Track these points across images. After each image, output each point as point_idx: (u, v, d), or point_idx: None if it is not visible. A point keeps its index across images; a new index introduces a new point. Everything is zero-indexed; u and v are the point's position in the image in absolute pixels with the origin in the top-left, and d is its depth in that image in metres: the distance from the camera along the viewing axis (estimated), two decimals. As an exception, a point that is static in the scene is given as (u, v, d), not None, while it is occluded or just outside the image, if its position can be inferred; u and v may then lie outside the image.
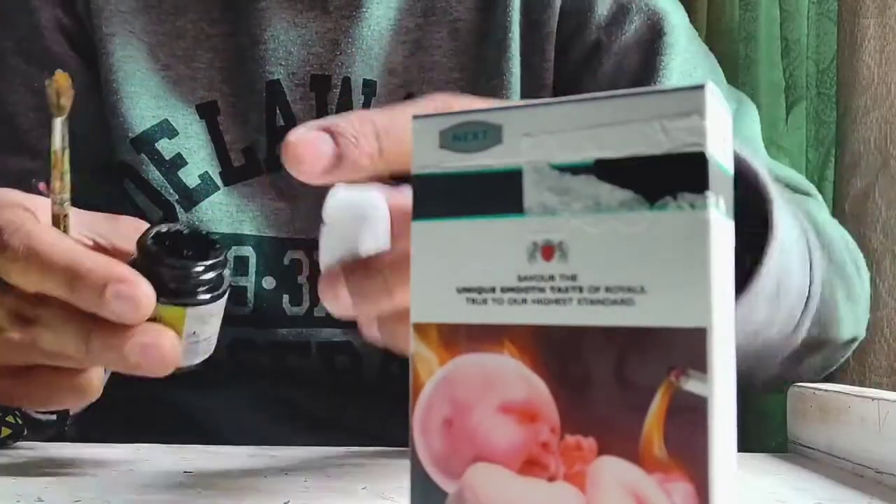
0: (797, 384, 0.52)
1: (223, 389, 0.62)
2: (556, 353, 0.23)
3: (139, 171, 0.63)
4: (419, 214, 0.25)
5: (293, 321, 0.62)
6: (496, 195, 0.24)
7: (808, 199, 0.64)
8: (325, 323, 0.62)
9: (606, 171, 0.23)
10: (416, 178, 0.26)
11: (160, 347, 0.36)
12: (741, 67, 1.01)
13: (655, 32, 0.62)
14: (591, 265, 0.23)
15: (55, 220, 0.39)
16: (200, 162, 0.63)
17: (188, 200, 0.63)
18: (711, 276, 0.22)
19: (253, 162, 0.63)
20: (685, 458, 0.21)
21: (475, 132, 0.25)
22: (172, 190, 0.62)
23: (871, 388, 0.62)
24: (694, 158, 0.22)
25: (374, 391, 0.62)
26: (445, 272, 0.25)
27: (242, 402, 0.64)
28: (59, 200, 0.39)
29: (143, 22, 0.63)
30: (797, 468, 0.45)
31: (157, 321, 0.36)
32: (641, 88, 0.23)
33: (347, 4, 0.63)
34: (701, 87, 0.22)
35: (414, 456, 0.25)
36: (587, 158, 0.23)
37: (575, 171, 0.23)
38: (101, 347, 0.36)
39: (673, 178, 0.22)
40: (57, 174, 0.39)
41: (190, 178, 0.62)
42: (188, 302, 0.38)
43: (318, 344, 0.61)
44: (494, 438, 0.24)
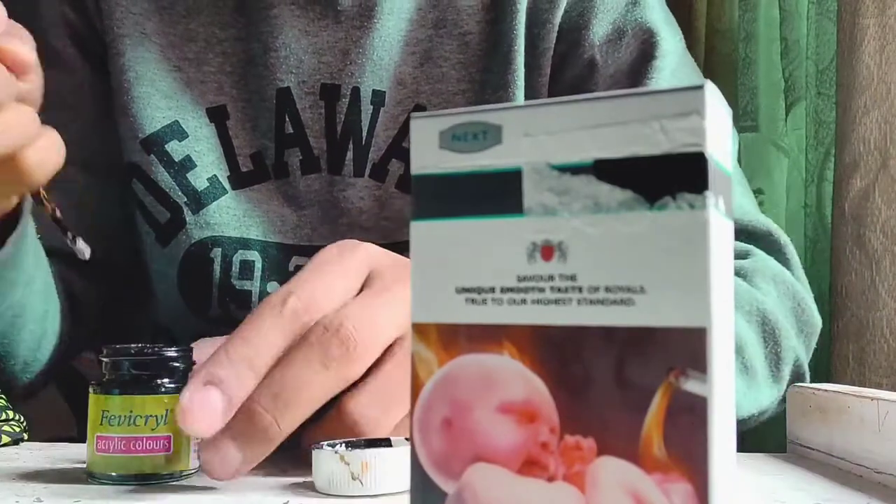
0: (797, 384, 0.52)
1: None
2: (555, 353, 0.23)
3: (148, 172, 0.63)
4: (419, 214, 0.25)
5: None
6: (496, 195, 0.24)
7: (755, 260, 0.63)
8: None
9: (606, 171, 0.23)
10: (415, 178, 0.26)
11: None
12: (741, 67, 1.01)
13: (646, 56, 0.64)
14: (590, 265, 0.23)
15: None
16: (209, 165, 0.63)
17: (196, 203, 0.63)
18: (711, 276, 0.22)
19: (261, 167, 0.64)
20: (684, 458, 0.21)
21: (475, 132, 0.25)
22: (181, 192, 0.63)
23: (870, 388, 0.62)
24: (693, 158, 0.22)
25: None
26: (445, 272, 0.25)
27: None
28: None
29: (154, 24, 0.63)
30: (796, 468, 0.45)
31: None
32: (641, 88, 0.23)
33: (359, 15, 0.63)
34: (700, 87, 0.22)
35: (413, 456, 0.25)
36: (587, 158, 0.23)
37: (574, 171, 0.23)
38: None
39: (672, 178, 0.22)
40: None
41: (199, 180, 0.63)
42: None
43: None
44: (494, 439, 0.24)
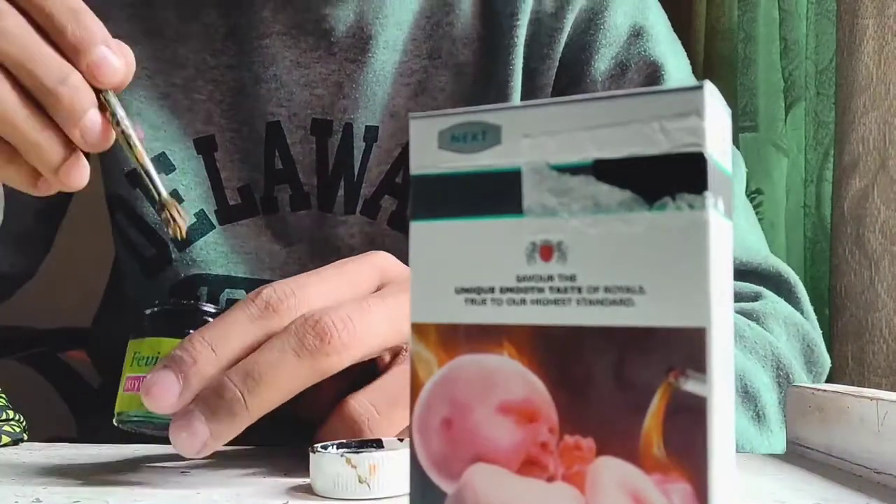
0: (796, 384, 0.52)
1: None
2: (555, 353, 0.23)
3: (133, 206, 0.62)
4: (418, 215, 0.25)
5: None
6: (495, 195, 0.24)
7: (766, 303, 0.62)
8: None
9: (605, 171, 0.23)
10: (414, 178, 0.26)
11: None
12: (740, 68, 1.01)
13: (653, 80, 0.62)
14: (590, 265, 0.23)
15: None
16: (196, 199, 0.62)
17: (182, 240, 0.62)
18: (710, 276, 0.22)
19: (249, 201, 0.62)
20: (684, 458, 0.21)
21: (474, 132, 0.25)
22: (173, 243, 0.61)
23: (870, 388, 0.62)
24: (693, 159, 0.22)
25: None
26: (444, 273, 0.25)
27: None
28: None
29: (141, 48, 0.61)
30: (796, 468, 0.45)
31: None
32: (640, 89, 0.23)
33: (353, 47, 0.61)
34: (700, 87, 0.22)
35: (413, 456, 0.25)
36: (586, 159, 0.23)
37: (574, 171, 0.23)
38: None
39: (672, 178, 0.22)
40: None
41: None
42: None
43: None
44: (493, 439, 0.24)
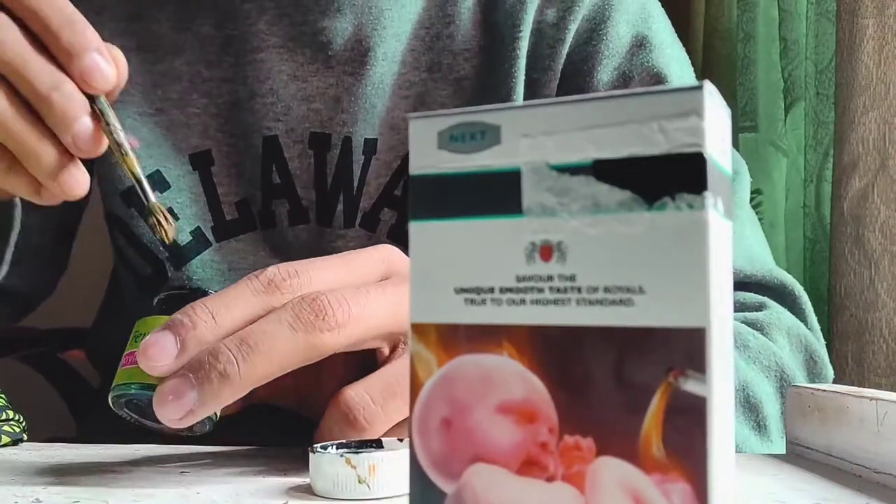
0: (796, 384, 0.52)
1: None
2: (554, 353, 0.23)
3: (129, 225, 0.61)
4: (418, 215, 0.25)
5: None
6: (494, 196, 0.24)
7: (770, 313, 0.62)
8: None
9: (605, 171, 0.23)
10: (414, 178, 0.26)
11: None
12: (740, 68, 1.01)
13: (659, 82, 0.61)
14: (589, 265, 0.23)
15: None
16: (192, 217, 0.61)
17: (179, 258, 0.61)
18: (710, 276, 0.22)
19: (247, 215, 0.61)
20: (684, 458, 0.21)
21: (473, 133, 0.25)
22: (163, 248, 0.61)
23: (869, 387, 0.62)
24: (692, 159, 0.22)
25: None
26: (444, 273, 0.25)
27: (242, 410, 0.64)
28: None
29: (136, 63, 0.60)
30: (795, 468, 0.45)
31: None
32: (640, 89, 0.23)
33: (351, 60, 0.60)
34: (699, 87, 0.22)
35: (413, 456, 0.25)
36: (586, 159, 0.23)
37: (573, 171, 0.23)
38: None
39: (671, 178, 0.22)
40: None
41: (181, 234, 0.61)
42: None
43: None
44: (493, 439, 0.24)
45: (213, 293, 0.43)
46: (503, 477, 0.24)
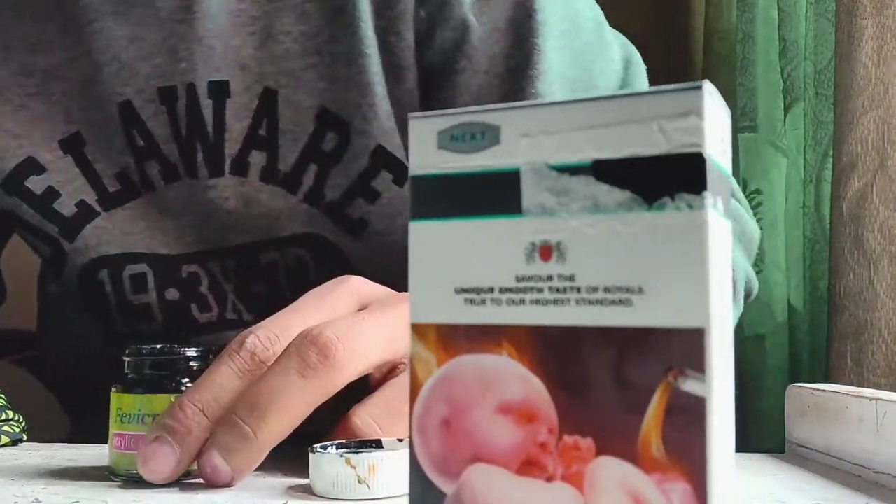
0: (795, 384, 0.52)
1: None
2: (554, 353, 0.23)
3: (18, 213, 0.61)
4: (417, 215, 0.25)
5: (208, 327, 0.61)
6: (494, 196, 0.24)
7: None
8: (238, 325, 0.61)
9: (604, 171, 0.23)
10: (413, 178, 0.26)
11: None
12: (739, 68, 1.01)
13: (525, 11, 0.58)
14: (589, 265, 0.23)
15: None
16: (75, 192, 0.61)
17: (70, 229, 0.61)
18: (710, 276, 0.22)
19: (128, 184, 0.61)
20: (683, 458, 0.21)
21: (473, 132, 0.25)
22: (50, 223, 0.61)
23: (869, 388, 0.62)
24: (692, 159, 0.22)
25: None
26: (443, 273, 0.25)
27: None
28: None
29: None
30: (795, 468, 0.45)
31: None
32: (640, 89, 0.23)
33: (180, 7, 0.59)
34: (699, 87, 0.22)
35: (412, 456, 0.25)
36: (585, 159, 0.23)
37: (573, 171, 0.23)
38: None
39: (671, 178, 0.22)
40: None
41: (66, 208, 0.61)
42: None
43: None
44: (493, 439, 0.24)
45: (186, 350, 0.42)
46: (503, 477, 0.24)
